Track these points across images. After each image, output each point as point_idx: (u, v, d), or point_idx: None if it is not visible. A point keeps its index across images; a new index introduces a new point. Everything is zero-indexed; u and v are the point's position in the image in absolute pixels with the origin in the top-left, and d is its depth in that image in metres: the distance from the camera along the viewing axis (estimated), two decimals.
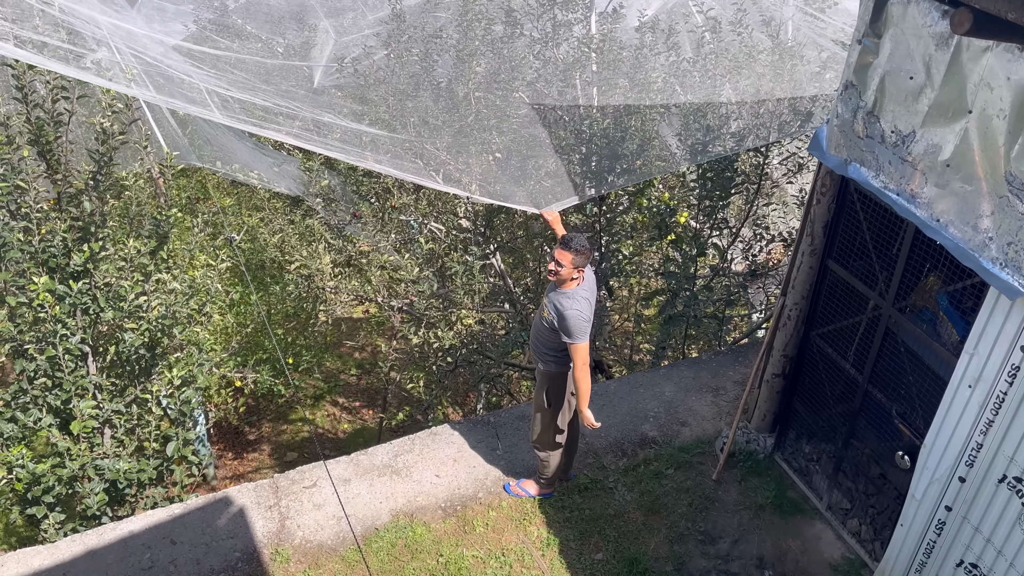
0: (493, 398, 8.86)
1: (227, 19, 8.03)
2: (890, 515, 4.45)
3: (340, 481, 5.22)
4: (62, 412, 5.27)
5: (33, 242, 5.07)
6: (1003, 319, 3.33)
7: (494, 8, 6.35)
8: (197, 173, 9.76)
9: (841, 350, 4.67)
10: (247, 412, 9.15)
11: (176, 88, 4.92)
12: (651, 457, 5.53)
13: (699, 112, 6.47)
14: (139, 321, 5.36)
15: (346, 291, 7.59)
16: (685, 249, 7.26)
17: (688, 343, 8.30)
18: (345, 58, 6.91)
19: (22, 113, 5.09)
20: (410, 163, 6.01)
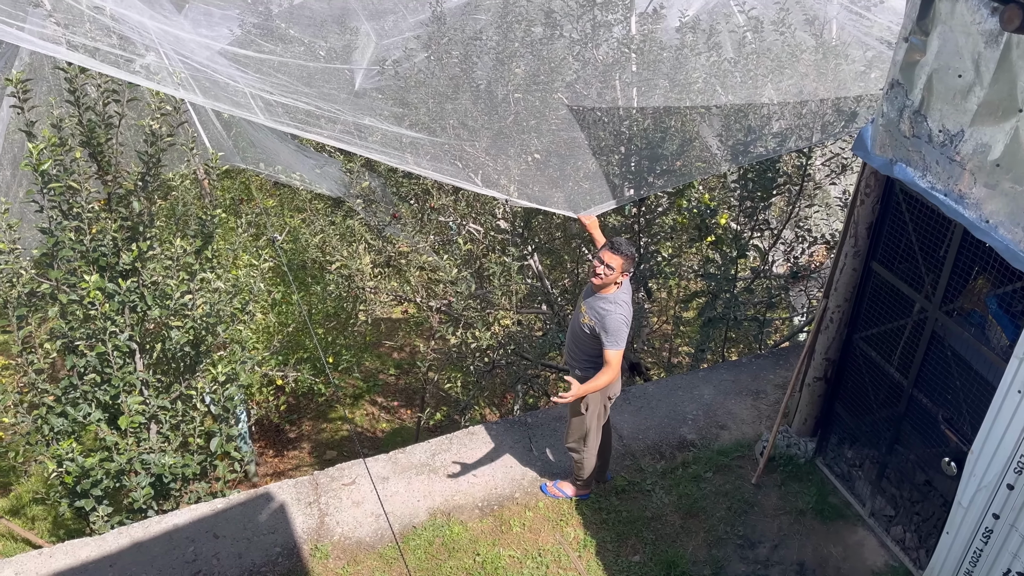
0: (530, 399, 8.86)
1: (271, 23, 8.17)
2: (935, 522, 4.36)
3: (379, 479, 5.27)
4: (110, 407, 5.40)
5: (84, 241, 5.21)
6: None
7: (534, 9, 6.36)
8: (241, 174, 9.94)
9: (885, 354, 4.59)
10: (288, 410, 9.28)
11: (221, 91, 5.02)
12: (689, 460, 5.48)
13: (740, 113, 6.41)
14: (184, 319, 5.48)
15: (385, 291, 7.66)
16: (725, 251, 7.19)
17: (728, 346, 8.21)
18: (386, 60, 6.98)
19: (74, 116, 5.23)
20: (449, 165, 6.05)
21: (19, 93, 4.82)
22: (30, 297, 5.30)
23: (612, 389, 4.69)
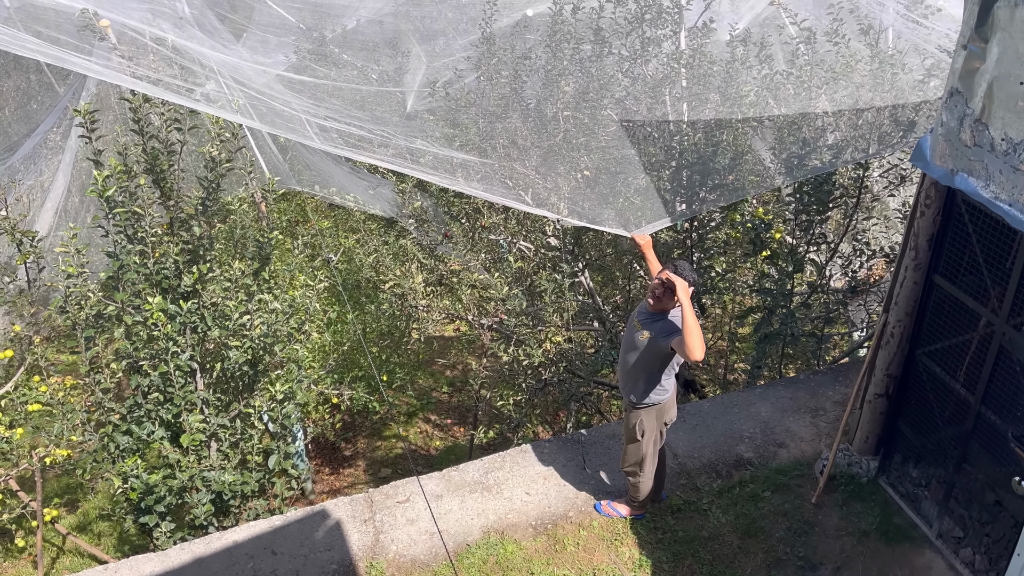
0: (583, 416, 8.82)
1: (325, 48, 8.38)
2: (1006, 544, 4.18)
3: (432, 496, 5.30)
4: (172, 426, 5.55)
5: (148, 264, 5.38)
6: None
7: (582, 28, 6.39)
8: (297, 197, 10.16)
9: (950, 369, 4.44)
10: (343, 428, 9.40)
11: (277, 117, 5.16)
12: (747, 479, 5.38)
13: (794, 125, 6.31)
14: (243, 339, 5.60)
15: (438, 310, 7.72)
16: (781, 265, 7.06)
17: (785, 362, 8.05)
18: (437, 82, 7.08)
19: (139, 144, 5.42)
20: (499, 184, 6.09)
21: (87, 123, 5.02)
22: (97, 319, 5.49)
23: (668, 414, 4.63)
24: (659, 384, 4.49)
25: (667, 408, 4.62)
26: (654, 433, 4.65)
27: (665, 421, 4.65)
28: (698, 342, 4.01)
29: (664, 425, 4.67)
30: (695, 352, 4.01)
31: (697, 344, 4.01)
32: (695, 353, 4.01)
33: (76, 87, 7.41)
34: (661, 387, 4.50)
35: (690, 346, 4.00)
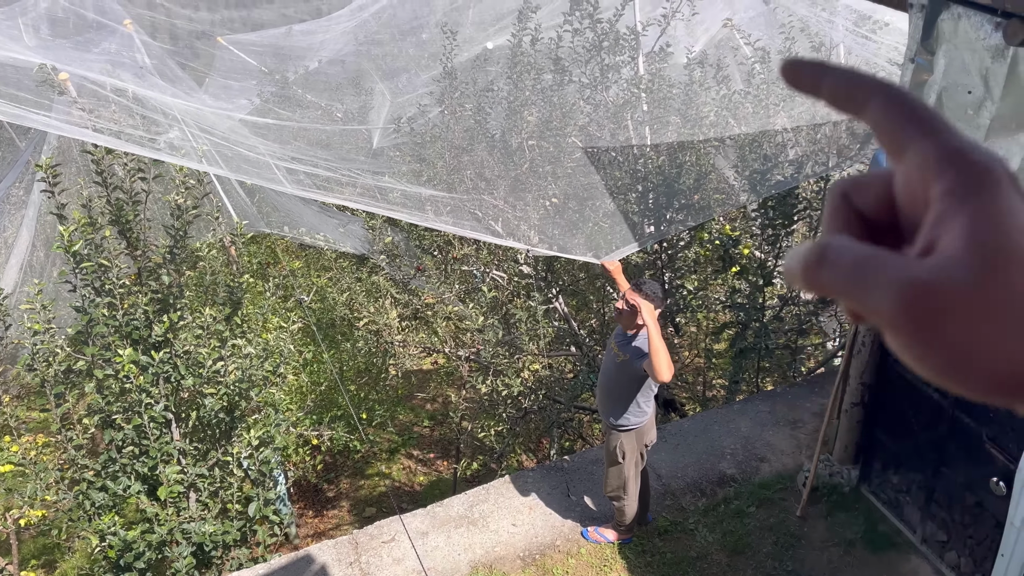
0: (566, 442, 8.79)
1: (288, 91, 8.41)
2: (990, 545, 4.23)
3: (417, 534, 5.24)
4: (149, 479, 5.45)
5: (117, 316, 5.32)
6: None
7: (542, 58, 6.48)
8: (266, 239, 10.11)
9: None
10: (325, 469, 9.28)
11: (243, 162, 5.16)
12: (731, 495, 5.39)
13: (755, 142, 6.43)
14: (218, 386, 5.54)
15: (414, 344, 7.69)
16: (751, 280, 7.15)
17: (762, 376, 8.11)
18: (401, 118, 7.13)
19: (103, 195, 5.38)
20: (469, 215, 6.12)
21: (49, 178, 4.98)
22: (67, 374, 5.40)
23: (648, 436, 4.65)
24: (637, 406, 4.50)
25: (646, 430, 4.63)
26: (634, 455, 4.66)
27: (645, 443, 4.66)
28: (665, 363, 4.03)
29: (644, 447, 4.68)
30: (662, 373, 4.04)
31: (664, 365, 4.03)
32: (662, 374, 4.04)
33: (37, 141, 7.36)
34: (639, 409, 4.52)
35: (657, 367, 4.03)
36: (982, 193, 0.37)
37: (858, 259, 0.38)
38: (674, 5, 6.21)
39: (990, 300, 0.35)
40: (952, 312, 0.36)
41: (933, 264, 0.37)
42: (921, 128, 0.40)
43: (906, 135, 0.40)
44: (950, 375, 0.37)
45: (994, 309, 0.35)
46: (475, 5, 8.19)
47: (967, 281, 0.36)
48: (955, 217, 0.37)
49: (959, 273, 0.36)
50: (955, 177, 0.38)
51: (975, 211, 0.37)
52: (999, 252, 0.36)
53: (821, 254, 0.39)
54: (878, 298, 0.37)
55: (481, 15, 8.22)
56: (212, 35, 8.73)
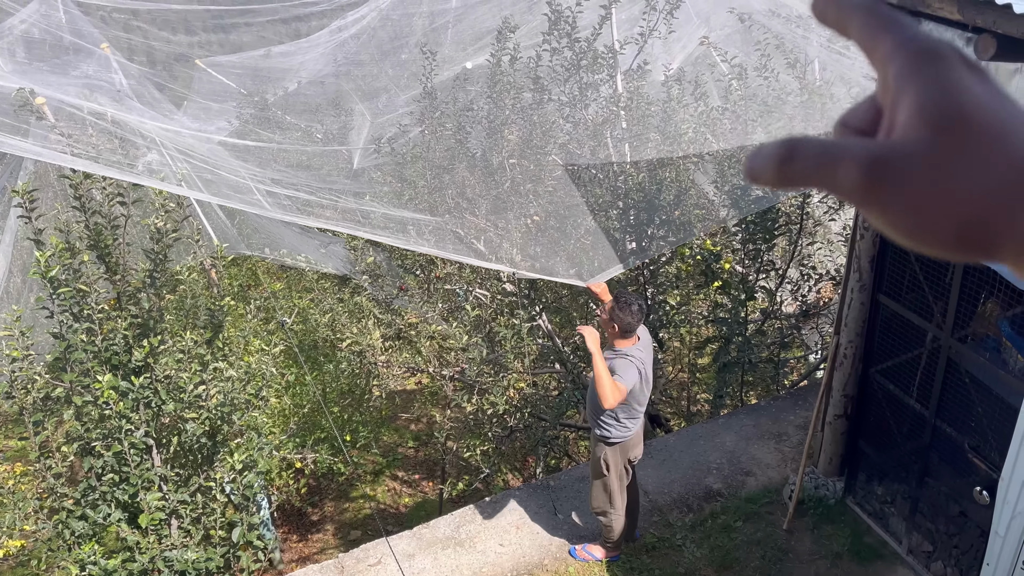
0: (552, 461, 8.76)
1: (268, 112, 8.40)
2: (975, 554, 4.25)
3: (404, 556, 5.19)
4: (130, 506, 5.37)
5: (96, 342, 5.25)
6: None
7: (521, 77, 6.52)
8: (247, 261, 10.05)
9: (903, 385, 4.54)
10: (309, 493, 9.19)
11: (223, 184, 5.13)
12: (718, 510, 5.39)
13: (733, 158, 6.49)
14: (199, 410, 5.48)
15: (397, 364, 7.65)
16: (733, 294, 7.19)
17: (746, 389, 8.14)
18: (382, 138, 7.14)
19: (81, 220, 5.34)
20: (451, 234, 6.13)
21: (26, 203, 4.94)
22: (45, 401, 5.32)
23: (633, 452, 4.64)
24: (618, 421, 4.50)
25: (630, 446, 4.63)
26: (618, 468, 4.65)
27: (630, 458, 4.65)
28: (606, 390, 4.09)
29: (629, 462, 4.67)
30: (604, 400, 4.11)
31: (605, 392, 4.09)
32: (604, 401, 4.11)
33: (13, 166, 7.29)
34: (622, 425, 4.51)
35: (600, 394, 4.11)
36: (927, 70, 0.41)
37: (825, 146, 0.41)
38: (651, 23, 6.27)
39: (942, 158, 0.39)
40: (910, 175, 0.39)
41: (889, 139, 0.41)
42: (883, 28, 0.44)
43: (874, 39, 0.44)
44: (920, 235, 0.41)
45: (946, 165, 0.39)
46: (454, 25, 8.23)
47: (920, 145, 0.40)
48: (904, 95, 0.41)
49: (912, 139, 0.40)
50: (903, 60, 0.42)
51: (921, 85, 0.41)
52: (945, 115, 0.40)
53: (792, 147, 0.42)
54: (845, 176, 0.40)
55: (460, 35, 8.26)
56: (190, 57, 8.72)
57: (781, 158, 0.42)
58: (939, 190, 0.39)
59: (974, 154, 0.39)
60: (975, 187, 0.38)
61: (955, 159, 0.39)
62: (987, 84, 0.41)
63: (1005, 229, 0.39)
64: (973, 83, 0.41)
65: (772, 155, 0.42)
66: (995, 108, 0.40)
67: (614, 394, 4.11)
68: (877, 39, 0.44)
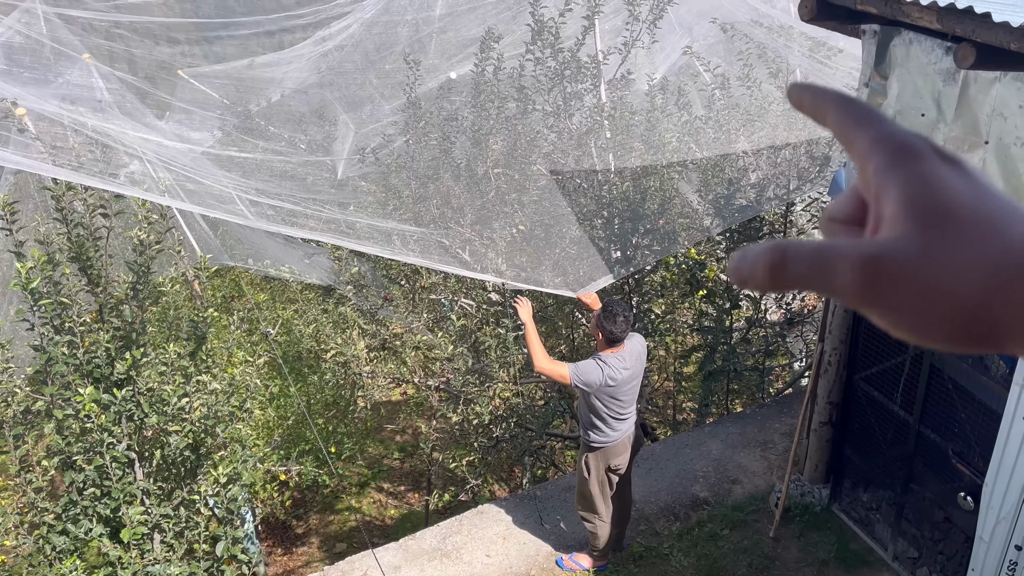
0: (538, 470, 8.75)
1: (251, 122, 8.37)
2: (960, 560, 4.27)
3: (390, 568, 5.15)
4: (112, 521, 5.30)
5: (77, 355, 5.19)
6: None
7: (505, 87, 6.53)
8: (230, 272, 9.99)
9: (887, 392, 4.57)
10: (294, 505, 9.11)
11: (206, 194, 5.10)
12: (704, 519, 5.39)
13: (717, 167, 6.53)
14: (182, 423, 5.42)
15: (382, 375, 7.62)
16: (718, 303, 7.22)
17: (731, 397, 8.17)
18: (366, 148, 7.13)
19: (62, 232, 5.28)
20: (436, 244, 6.12)
21: (7, 215, 4.88)
22: (25, 415, 5.25)
23: (615, 460, 4.62)
24: (595, 426, 4.51)
25: (612, 453, 4.60)
26: (599, 474, 4.65)
27: (612, 465, 4.64)
28: (536, 356, 4.39)
29: (612, 470, 4.66)
30: (535, 361, 4.40)
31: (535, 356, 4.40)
32: (535, 361, 4.40)
33: None
34: (601, 431, 4.51)
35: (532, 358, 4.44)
36: (906, 165, 0.42)
37: (815, 250, 0.41)
38: (634, 33, 6.31)
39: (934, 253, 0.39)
40: (904, 275, 0.39)
41: (879, 238, 0.42)
42: (859, 123, 0.45)
43: (851, 133, 0.45)
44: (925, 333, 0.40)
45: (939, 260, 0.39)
46: (438, 35, 8.25)
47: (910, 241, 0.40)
48: (886, 192, 0.42)
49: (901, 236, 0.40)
50: (881, 156, 0.43)
51: (903, 181, 0.41)
52: (929, 210, 0.40)
53: (782, 252, 0.42)
54: (841, 279, 0.40)
55: (444, 45, 8.28)
56: (173, 67, 8.67)
57: (772, 264, 0.42)
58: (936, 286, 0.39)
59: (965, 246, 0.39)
60: (971, 280, 0.39)
61: (947, 253, 0.39)
62: (966, 176, 0.41)
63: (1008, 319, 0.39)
64: (952, 177, 0.41)
65: (762, 261, 0.42)
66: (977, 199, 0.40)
67: (541, 360, 4.37)
68: (853, 134, 0.45)
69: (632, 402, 4.52)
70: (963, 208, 0.40)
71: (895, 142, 0.43)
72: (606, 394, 4.36)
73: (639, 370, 4.49)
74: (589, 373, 4.33)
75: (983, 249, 0.39)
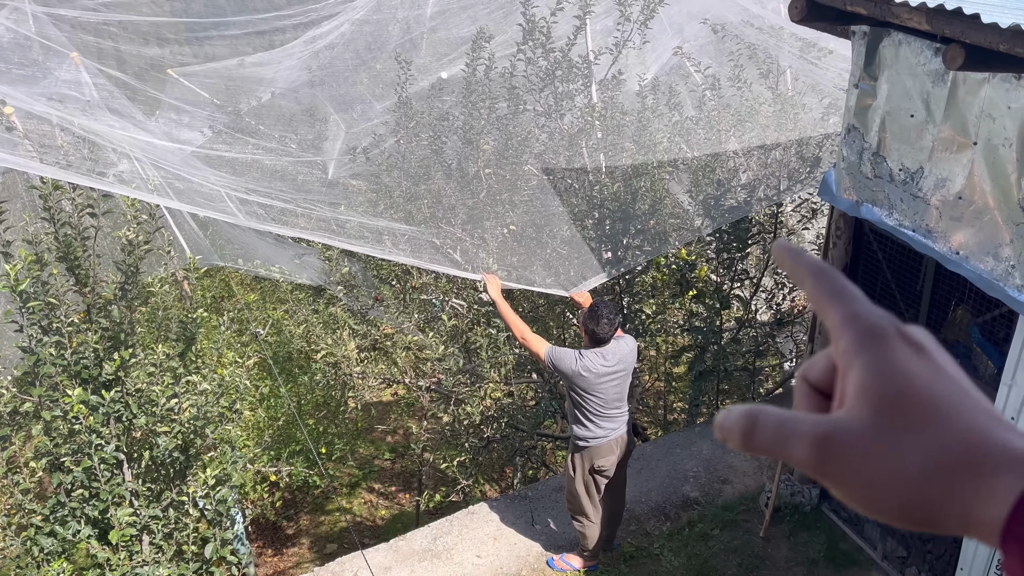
0: (529, 471, 8.74)
1: (241, 122, 8.34)
2: (949, 559, 4.29)
3: (380, 569, 5.14)
4: (100, 522, 5.27)
5: (65, 355, 5.16)
6: None
7: (496, 87, 6.53)
8: (220, 272, 9.95)
9: None
10: (284, 506, 9.08)
11: (196, 193, 5.08)
12: (695, 519, 5.40)
13: (707, 167, 6.53)
14: (171, 424, 5.40)
15: (373, 375, 7.60)
16: (708, 303, 7.23)
17: (721, 397, 8.18)
18: (357, 148, 7.11)
19: (50, 232, 5.25)
20: (427, 244, 6.10)
21: None
22: (13, 416, 5.22)
23: (599, 461, 4.61)
24: (580, 423, 4.52)
25: (597, 453, 4.59)
26: (582, 474, 4.65)
27: (596, 466, 4.63)
28: (514, 327, 4.57)
29: (598, 471, 4.65)
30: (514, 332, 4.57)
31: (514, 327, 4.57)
32: (514, 330, 4.58)
33: None
34: (584, 427, 4.52)
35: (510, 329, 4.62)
36: (870, 349, 0.45)
37: (779, 422, 0.46)
38: (625, 34, 6.32)
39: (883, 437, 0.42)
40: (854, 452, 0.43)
41: (836, 416, 0.45)
42: (832, 298, 0.49)
43: (825, 305, 0.49)
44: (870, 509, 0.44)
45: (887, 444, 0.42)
46: (429, 35, 8.24)
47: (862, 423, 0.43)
48: (850, 371, 0.45)
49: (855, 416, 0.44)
50: (850, 337, 0.46)
51: (864, 365, 0.45)
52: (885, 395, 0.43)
53: (753, 420, 0.46)
54: (797, 451, 0.45)
55: (435, 45, 8.27)
56: (162, 66, 8.64)
57: (744, 430, 0.46)
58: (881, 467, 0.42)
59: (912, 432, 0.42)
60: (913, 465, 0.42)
61: (894, 437, 0.42)
62: (927, 360, 0.44)
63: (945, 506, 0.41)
64: (913, 362, 0.44)
65: (737, 426, 0.46)
66: (933, 385, 0.43)
67: (527, 332, 4.56)
68: (827, 307, 0.48)
69: (616, 403, 4.50)
70: (917, 394, 0.43)
71: (863, 324, 0.46)
72: (580, 387, 4.37)
73: (623, 372, 4.48)
74: (563, 359, 4.37)
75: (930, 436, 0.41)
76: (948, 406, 0.42)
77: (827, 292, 0.49)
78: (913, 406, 0.42)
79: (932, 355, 0.45)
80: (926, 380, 0.43)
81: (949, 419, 0.42)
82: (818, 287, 0.49)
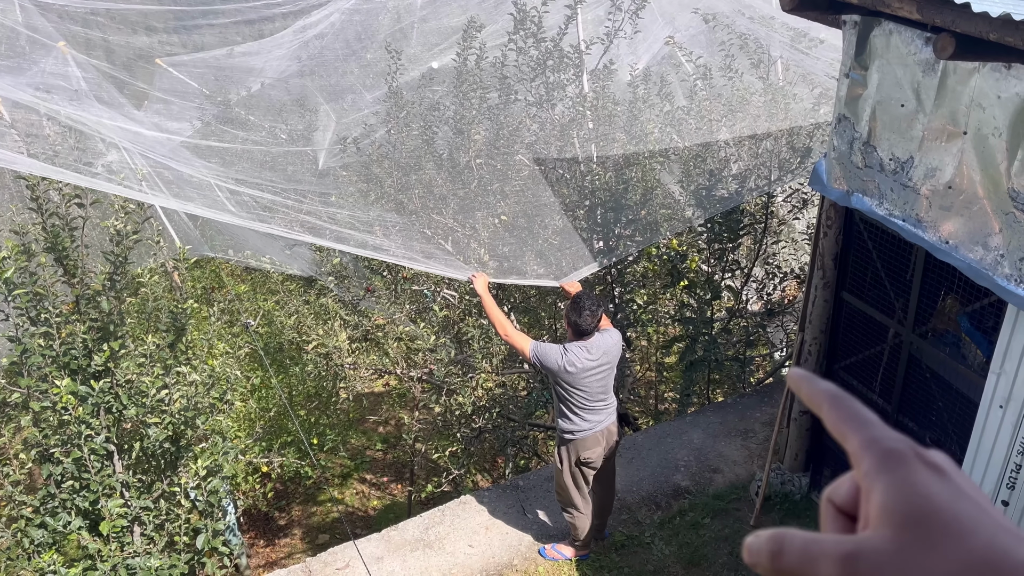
0: (521, 461, 8.76)
1: (231, 112, 8.28)
2: None
3: (372, 559, 5.15)
4: (91, 513, 5.25)
5: (54, 346, 5.13)
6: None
7: (487, 77, 6.50)
8: (210, 263, 9.91)
9: (866, 381, 4.61)
10: (276, 497, 9.08)
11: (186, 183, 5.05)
12: (686, 507, 5.42)
13: (698, 157, 6.53)
14: (162, 415, 5.38)
15: (365, 366, 7.59)
16: (699, 294, 7.24)
17: (712, 387, 8.21)
18: (347, 138, 7.08)
19: (37, 223, 5.21)
20: (418, 234, 6.09)
21: None
22: (1, 407, 5.19)
23: (585, 453, 4.61)
24: (565, 416, 4.53)
25: (583, 445, 4.60)
26: (569, 466, 4.67)
27: (582, 458, 4.63)
28: (499, 324, 4.59)
29: (584, 463, 4.66)
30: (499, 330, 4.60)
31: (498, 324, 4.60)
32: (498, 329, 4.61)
33: None
34: (569, 420, 4.53)
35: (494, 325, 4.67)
36: (891, 471, 0.47)
37: (805, 543, 0.47)
38: (617, 24, 6.30)
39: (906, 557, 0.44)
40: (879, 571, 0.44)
41: (860, 535, 0.47)
42: (849, 423, 0.51)
43: (843, 430, 0.51)
44: None
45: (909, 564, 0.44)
46: (420, 25, 8.20)
47: (885, 543, 0.45)
48: (872, 493, 0.47)
49: (879, 537, 0.46)
50: (871, 460, 0.48)
51: (885, 486, 0.47)
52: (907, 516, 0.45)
53: (780, 543, 0.48)
54: (825, 570, 0.46)
55: (426, 35, 8.23)
56: (151, 55, 8.57)
57: (772, 552, 0.48)
58: None
59: (934, 549, 0.44)
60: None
61: (917, 558, 0.44)
62: (944, 480, 0.47)
63: None
64: (933, 483, 0.46)
65: (765, 548, 0.48)
66: (952, 503, 0.45)
67: (511, 329, 4.56)
68: (846, 433, 0.51)
69: (601, 396, 4.51)
70: (937, 513, 0.45)
71: (882, 447, 0.48)
72: (565, 381, 4.38)
73: (607, 365, 4.48)
74: (548, 354, 4.38)
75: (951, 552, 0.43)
76: (969, 524, 0.44)
77: (844, 418, 0.51)
78: (935, 525, 0.44)
79: (951, 476, 0.47)
80: (946, 500, 0.45)
81: (971, 537, 0.43)
82: (835, 413, 0.52)
